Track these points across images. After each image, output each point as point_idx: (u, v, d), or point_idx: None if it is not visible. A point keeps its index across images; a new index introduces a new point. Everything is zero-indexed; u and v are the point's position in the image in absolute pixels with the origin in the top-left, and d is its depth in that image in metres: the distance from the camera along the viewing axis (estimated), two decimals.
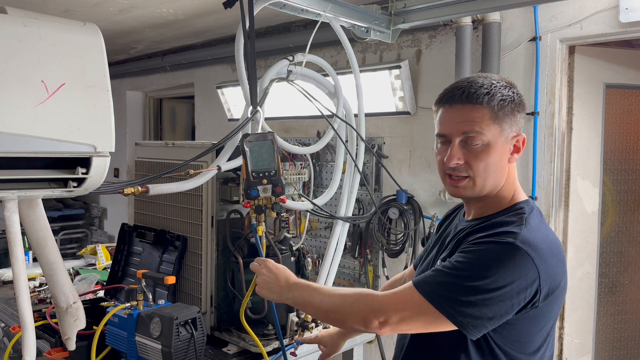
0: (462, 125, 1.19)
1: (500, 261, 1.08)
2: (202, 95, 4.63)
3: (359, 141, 2.07)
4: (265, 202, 1.56)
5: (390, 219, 3.06)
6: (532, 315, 1.12)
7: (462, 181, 1.21)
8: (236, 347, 1.83)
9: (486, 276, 1.07)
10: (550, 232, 1.20)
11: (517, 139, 1.22)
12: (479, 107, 1.18)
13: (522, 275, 1.07)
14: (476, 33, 2.75)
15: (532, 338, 1.16)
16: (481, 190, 1.22)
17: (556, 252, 1.15)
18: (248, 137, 1.53)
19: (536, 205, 1.27)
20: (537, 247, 1.10)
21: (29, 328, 1.15)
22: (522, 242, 1.09)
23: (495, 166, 1.19)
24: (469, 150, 1.19)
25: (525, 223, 1.15)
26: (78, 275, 2.57)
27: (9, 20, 1.00)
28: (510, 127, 1.20)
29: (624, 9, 2.23)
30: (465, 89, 1.19)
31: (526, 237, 1.10)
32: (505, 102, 1.19)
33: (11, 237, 1.11)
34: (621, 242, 2.83)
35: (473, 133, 1.17)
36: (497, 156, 1.19)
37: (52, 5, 3.15)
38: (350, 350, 2.09)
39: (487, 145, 1.18)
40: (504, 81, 1.23)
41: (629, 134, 2.80)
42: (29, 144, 1.02)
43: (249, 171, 1.52)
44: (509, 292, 1.07)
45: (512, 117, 1.20)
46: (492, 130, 1.17)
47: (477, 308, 1.07)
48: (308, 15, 1.98)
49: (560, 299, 1.17)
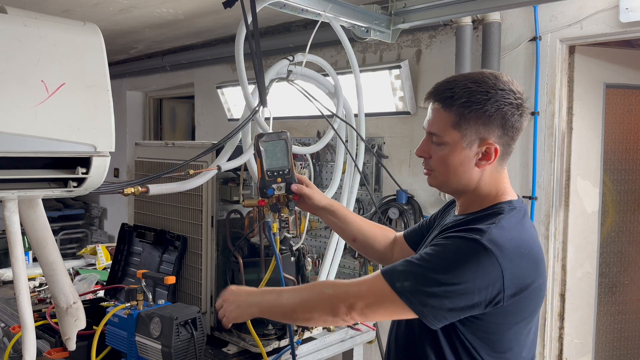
0: (429, 124, 1.26)
1: (463, 256, 1.11)
2: (202, 95, 4.63)
3: (359, 141, 2.07)
4: (281, 200, 1.59)
5: (390, 219, 3.06)
6: (499, 312, 1.13)
7: (429, 172, 1.29)
8: (236, 347, 1.83)
9: (449, 270, 1.10)
10: (524, 233, 1.19)
11: (488, 147, 1.20)
12: (441, 110, 1.22)
13: (485, 272, 1.09)
14: (476, 33, 2.75)
15: (502, 336, 1.17)
16: (444, 185, 1.28)
17: (527, 253, 1.15)
18: (263, 136, 1.54)
19: (523, 206, 1.26)
20: (503, 246, 1.11)
21: (29, 328, 1.15)
22: (487, 240, 1.11)
23: (455, 167, 1.22)
24: (433, 148, 1.25)
25: (497, 222, 1.16)
26: (78, 275, 2.57)
27: (9, 20, 1.00)
28: (475, 134, 1.19)
29: (624, 9, 2.23)
30: (436, 89, 1.24)
31: (494, 236, 1.12)
32: (469, 109, 1.17)
33: (11, 237, 1.11)
34: (621, 242, 2.83)
35: (434, 134, 1.24)
36: (457, 159, 1.21)
37: (52, 5, 3.15)
38: (350, 350, 2.09)
39: (446, 147, 1.22)
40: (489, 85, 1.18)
41: (629, 134, 2.80)
42: (29, 144, 1.02)
43: (265, 170, 1.54)
44: (470, 288, 1.09)
45: (478, 125, 1.18)
46: (451, 134, 1.20)
47: (437, 299, 1.10)
48: (308, 15, 1.98)
49: (534, 299, 1.18)
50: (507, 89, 1.19)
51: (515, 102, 1.19)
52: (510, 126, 1.19)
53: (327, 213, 1.62)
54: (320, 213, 1.64)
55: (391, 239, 1.64)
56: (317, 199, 1.60)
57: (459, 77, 1.23)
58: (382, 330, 3.23)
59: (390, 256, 1.62)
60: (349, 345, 2.04)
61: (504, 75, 1.22)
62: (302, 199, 1.62)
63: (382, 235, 1.63)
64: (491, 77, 1.20)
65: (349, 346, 2.04)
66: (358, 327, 2.05)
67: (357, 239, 1.62)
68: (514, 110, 1.19)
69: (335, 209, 1.61)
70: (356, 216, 1.65)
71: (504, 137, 1.20)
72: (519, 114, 1.20)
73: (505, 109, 1.18)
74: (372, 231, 1.62)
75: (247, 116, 1.72)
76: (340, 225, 1.62)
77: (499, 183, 1.26)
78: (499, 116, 1.18)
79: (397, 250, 1.61)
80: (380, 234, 1.63)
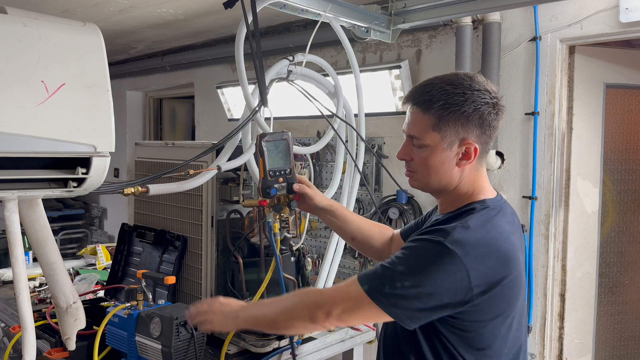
0: (409, 127, 1.28)
1: (429, 259, 1.14)
2: (202, 95, 4.63)
3: (359, 141, 2.07)
4: (282, 200, 1.59)
5: (390, 219, 3.06)
6: (472, 311, 1.15)
7: (410, 174, 1.32)
8: (236, 347, 1.83)
9: (417, 272, 1.14)
10: (492, 232, 1.20)
11: (467, 147, 1.23)
12: (420, 113, 1.24)
13: (450, 274, 1.12)
14: (476, 33, 2.75)
15: (479, 333, 1.19)
16: (426, 186, 1.31)
17: (493, 251, 1.17)
18: (265, 136, 1.55)
19: (498, 204, 1.27)
20: (466, 246, 1.13)
21: (29, 328, 1.15)
22: (451, 241, 1.13)
23: (437, 169, 1.25)
24: (414, 150, 1.28)
25: (463, 222, 1.18)
26: (78, 275, 2.57)
27: (9, 20, 1.00)
28: (454, 135, 1.22)
29: (624, 9, 2.23)
30: (414, 92, 1.27)
31: (457, 236, 1.14)
32: (447, 110, 1.20)
33: (11, 237, 1.11)
34: (621, 242, 2.83)
35: (414, 137, 1.26)
36: (437, 160, 1.24)
37: (52, 5, 3.15)
38: (350, 350, 2.09)
39: (427, 148, 1.25)
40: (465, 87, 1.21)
41: (629, 134, 2.80)
42: (29, 144, 1.02)
43: (267, 170, 1.54)
44: (438, 289, 1.12)
45: (457, 126, 1.21)
46: (431, 136, 1.23)
47: (408, 301, 1.14)
48: (308, 15, 1.98)
49: (507, 294, 1.19)
50: (483, 89, 1.22)
51: (491, 101, 1.22)
52: (487, 125, 1.23)
53: (326, 213, 1.63)
54: (320, 213, 1.65)
55: (389, 236, 1.65)
56: (317, 200, 1.62)
57: (435, 79, 1.26)
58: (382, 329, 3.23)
59: (387, 253, 1.63)
60: (349, 345, 2.04)
61: (478, 76, 1.25)
62: (303, 199, 1.63)
63: (379, 234, 1.65)
64: (466, 78, 1.24)
65: (349, 346, 2.04)
66: (358, 327, 2.05)
67: (356, 237, 1.64)
68: (491, 109, 1.22)
69: (334, 209, 1.63)
70: (355, 215, 1.66)
71: (482, 136, 1.24)
72: (495, 113, 1.23)
73: (482, 108, 1.21)
74: (370, 230, 1.64)
75: (247, 116, 1.72)
76: (340, 225, 1.64)
77: (476, 182, 1.28)
78: (476, 116, 1.21)
79: (394, 248, 1.62)
80: (378, 232, 1.65)
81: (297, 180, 1.61)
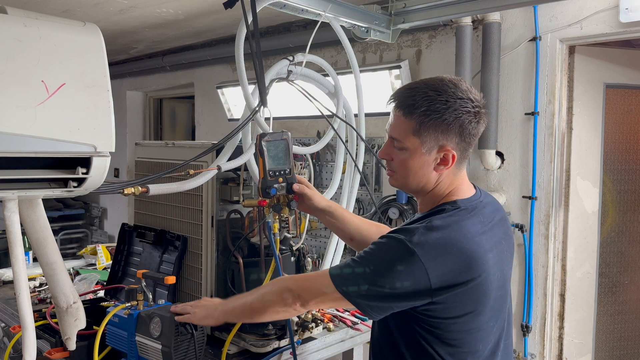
0: (391, 128, 1.31)
1: (392, 256, 1.20)
2: (202, 95, 4.63)
3: (359, 141, 2.07)
4: (281, 200, 1.60)
5: (390, 219, 3.06)
6: (436, 307, 1.20)
7: (390, 174, 1.36)
8: (236, 347, 1.83)
9: (379, 269, 1.20)
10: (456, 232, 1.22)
11: (446, 153, 1.25)
12: (402, 117, 1.27)
13: (409, 271, 1.17)
14: (476, 33, 2.75)
15: (447, 329, 1.23)
16: (404, 186, 1.34)
17: (455, 251, 1.19)
18: (265, 136, 1.55)
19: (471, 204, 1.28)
20: (425, 245, 1.17)
21: (29, 328, 1.15)
22: (411, 240, 1.18)
23: (415, 171, 1.29)
24: (394, 151, 1.31)
25: (428, 222, 1.22)
26: (78, 275, 2.57)
27: (9, 20, 1.00)
28: (434, 141, 1.24)
29: (624, 9, 2.23)
30: (397, 96, 1.29)
31: (419, 236, 1.18)
32: (428, 117, 1.22)
33: (11, 237, 1.11)
34: (621, 242, 2.83)
35: (395, 139, 1.29)
36: (416, 163, 1.27)
37: (52, 5, 3.15)
38: (350, 350, 2.09)
39: (406, 151, 1.28)
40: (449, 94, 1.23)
41: (629, 134, 2.81)
42: (29, 144, 1.02)
43: (267, 170, 1.55)
44: (398, 285, 1.17)
45: (437, 132, 1.23)
46: (411, 140, 1.26)
47: (370, 295, 1.20)
48: (308, 15, 1.98)
49: (473, 295, 1.21)
50: (466, 97, 1.23)
51: (473, 110, 1.24)
52: (467, 133, 1.25)
53: (325, 214, 1.65)
54: (319, 214, 1.66)
55: None
56: (317, 200, 1.63)
57: (419, 84, 1.28)
58: None
59: None
60: (349, 345, 2.04)
61: (463, 83, 1.26)
62: (302, 200, 1.64)
63: (377, 233, 1.64)
64: (451, 85, 1.25)
65: (349, 346, 2.04)
66: (358, 327, 2.05)
67: (354, 238, 1.66)
68: (472, 118, 1.24)
69: (333, 209, 1.65)
70: (353, 216, 1.68)
71: (461, 143, 1.26)
72: (476, 122, 1.25)
73: (463, 117, 1.23)
74: (368, 230, 1.66)
75: (247, 116, 1.72)
76: (339, 226, 1.66)
77: (452, 184, 1.31)
78: (457, 124, 1.23)
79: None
80: (376, 232, 1.65)
81: (297, 181, 1.62)
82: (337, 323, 2.04)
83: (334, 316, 2.08)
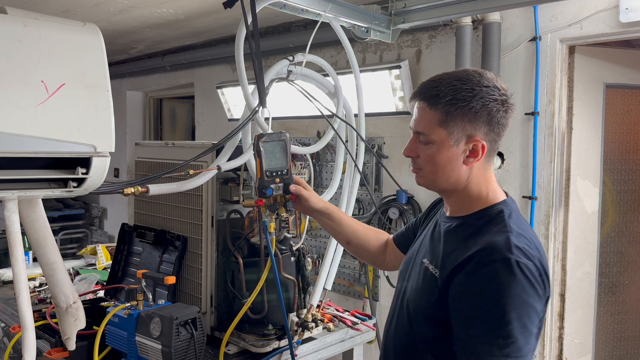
0: (416, 123, 1.26)
1: (507, 288, 1.05)
2: (202, 95, 4.63)
3: (359, 141, 2.07)
4: (278, 200, 1.60)
5: (390, 219, 3.06)
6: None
7: (417, 171, 1.29)
8: (236, 347, 1.83)
9: (504, 318, 1.04)
10: (530, 229, 1.20)
11: (475, 144, 1.20)
12: (427, 109, 1.22)
13: (539, 299, 1.07)
14: (476, 33, 2.75)
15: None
16: (433, 184, 1.27)
17: (541, 248, 1.16)
18: (263, 137, 1.55)
19: (514, 203, 1.26)
20: (528, 252, 1.09)
21: (29, 328, 1.15)
22: (516, 254, 1.07)
23: (443, 166, 1.22)
24: (420, 147, 1.25)
25: (509, 230, 1.13)
26: (78, 275, 2.57)
27: (9, 20, 1.00)
28: (462, 131, 1.19)
29: (624, 9, 2.23)
30: (421, 88, 1.25)
31: (518, 246, 1.09)
32: (455, 106, 1.17)
33: (11, 237, 1.11)
34: (621, 242, 2.83)
35: (421, 133, 1.23)
36: (444, 157, 1.21)
37: (52, 5, 3.15)
38: (350, 350, 2.09)
39: (433, 145, 1.22)
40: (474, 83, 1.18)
41: (629, 134, 2.81)
42: (29, 144, 1.02)
43: (264, 170, 1.55)
44: (534, 317, 1.06)
45: (464, 122, 1.18)
46: (437, 132, 1.20)
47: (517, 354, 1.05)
48: (308, 15, 1.98)
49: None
50: (492, 85, 1.19)
51: (500, 98, 1.19)
52: (496, 122, 1.19)
53: (322, 216, 1.63)
54: (316, 215, 1.65)
55: (384, 241, 1.64)
56: (313, 201, 1.62)
57: (443, 75, 1.24)
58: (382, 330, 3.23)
59: (382, 259, 1.64)
60: (349, 345, 2.04)
61: (487, 73, 1.22)
62: (299, 201, 1.63)
63: (375, 238, 1.64)
64: (475, 74, 1.20)
65: (349, 346, 2.04)
66: (358, 327, 2.05)
67: (351, 241, 1.64)
68: (500, 106, 1.19)
69: (330, 211, 1.63)
70: (351, 219, 1.66)
71: (490, 133, 1.20)
72: (504, 110, 1.20)
73: (491, 105, 1.18)
74: (365, 234, 1.64)
75: (247, 116, 1.72)
76: (335, 228, 1.64)
77: (488, 182, 1.25)
78: (485, 112, 1.18)
79: (389, 253, 1.62)
80: (373, 237, 1.64)
81: (294, 181, 1.62)
82: (337, 323, 2.04)
83: (334, 316, 2.08)
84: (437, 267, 1.20)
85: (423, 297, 1.22)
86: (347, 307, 2.44)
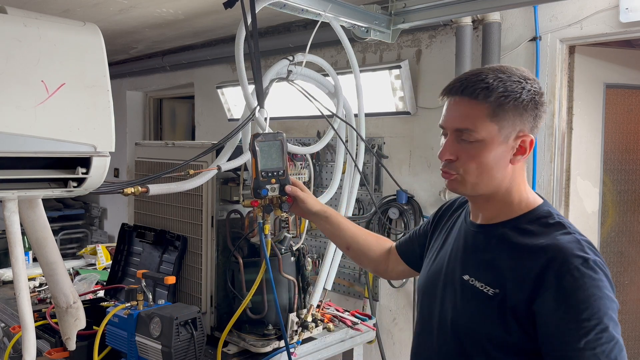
0: (457, 120, 1.14)
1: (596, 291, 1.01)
2: (202, 95, 4.63)
3: (359, 141, 2.07)
4: (273, 201, 1.58)
5: (390, 219, 3.06)
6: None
7: (452, 176, 1.16)
8: (236, 347, 1.83)
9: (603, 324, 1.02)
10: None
11: (523, 139, 1.12)
12: (474, 103, 1.11)
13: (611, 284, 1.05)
14: (476, 33, 2.75)
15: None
16: (473, 189, 1.15)
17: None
18: (259, 137, 1.54)
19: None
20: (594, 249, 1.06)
21: (29, 328, 1.15)
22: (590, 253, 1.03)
23: (490, 166, 1.12)
24: (462, 147, 1.13)
25: (571, 229, 1.08)
26: (78, 275, 2.57)
27: (9, 20, 1.00)
28: (512, 126, 1.11)
29: (624, 9, 2.23)
30: (465, 81, 1.13)
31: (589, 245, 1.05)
32: (507, 98, 1.09)
33: (11, 237, 1.11)
34: (621, 242, 2.83)
35: (466, 130, 1.12)
36: (493, 156, 1.11)
37: (52, 5, 3.15)
38: (350, 350, 2.09)
39: (481, 143, 1.11)
40: (517, 75, 1.12)
41: (629, 134, 2.81)
42: (29, 144, 1.02)
43: (259, 171, 1.53)
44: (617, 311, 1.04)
45: (515, 116, 1.10)
46: (487, 128, 1.10)
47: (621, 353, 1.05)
48: (308, 15, 1.98)
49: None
50: (531, 78, 1.13)
51: (540, 91, 1.14)
52: (539, 116, 1.14)
53: (319, 219, 1.58)
54: (313, 218, 1.60)
55: (386, 248, 1.58)
56: (310, 203, 1.57)
57: (483, 69, 1.15)
58: (382, 330, 3.23)
59: (385, 267, 1.57)
60: (349, 345, 2.04)
61: (520, 67, 1.17)
62: (296, 203, 1.58)
63: (376, 245, 1.58)
64: (513, 68, 1.15)
65: (349, 346, 2.04)
66: (358, 327, 2.05)
67: (350, 247, 1.58)
68: (543, 99, 1.14)
69: (328, 215, 1.58)
70: (350, 223, 1.60)
71: (534, 128, 1.14)
72: (542, 103, 1.14)
73: (537, 97, 1.12)
74: (366, 240, 1.58)
75: (247, 116, 1.72)
76: (334, 232, 1.58)
77: (525, 184, 1.17)
78: (532, 105, 1.11)
79: (392, 261, 1.56)
80: (375, 243, 1.59)
81: (290, 182, 1.58)
82: (337, 323, 2.04)
83: (334, 316, 2.08)
84: (491, 284, 1.10)
85: (482, 322, 1.11)
86: (347, 307, 2.44)
